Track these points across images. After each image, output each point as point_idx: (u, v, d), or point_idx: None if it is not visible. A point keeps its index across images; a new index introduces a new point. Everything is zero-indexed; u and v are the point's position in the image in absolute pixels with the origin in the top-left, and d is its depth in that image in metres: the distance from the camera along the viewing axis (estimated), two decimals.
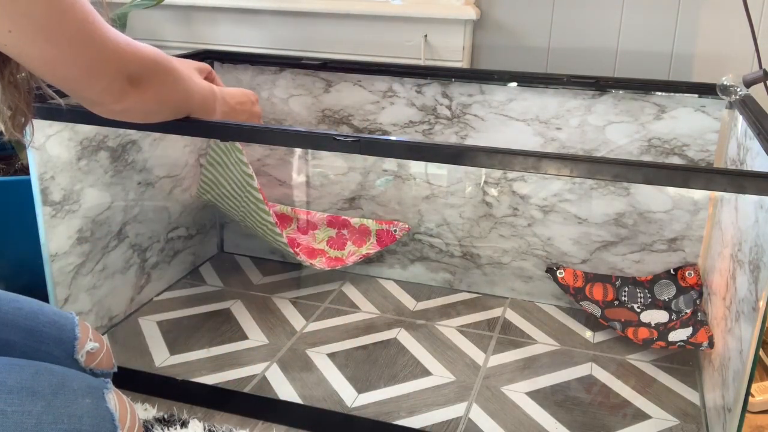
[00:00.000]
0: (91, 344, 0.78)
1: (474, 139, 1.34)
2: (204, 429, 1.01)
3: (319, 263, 1.35)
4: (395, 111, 1.38)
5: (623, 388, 1.12)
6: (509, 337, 1.27)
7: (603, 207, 1.30)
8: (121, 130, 1.19)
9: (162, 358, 1.17)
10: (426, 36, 1.46)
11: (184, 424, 1.02)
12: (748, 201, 0.96)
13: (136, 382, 1.10)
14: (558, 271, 1.34)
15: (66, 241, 1.12)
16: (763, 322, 0.83)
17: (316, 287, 1.43)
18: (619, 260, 1.33)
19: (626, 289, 1.31)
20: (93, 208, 1.17)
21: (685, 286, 1.28)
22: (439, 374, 1.15)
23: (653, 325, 1.24)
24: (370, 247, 1.40)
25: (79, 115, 0.93)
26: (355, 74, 1.38)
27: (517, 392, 1.11)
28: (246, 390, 1.09)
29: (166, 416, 1.04)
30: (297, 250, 1.36)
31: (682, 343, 1.14)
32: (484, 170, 1.34)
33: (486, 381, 1.14)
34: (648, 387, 1.13)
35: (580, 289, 1.32)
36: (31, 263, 1.14)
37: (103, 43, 0.77)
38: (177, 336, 1.24)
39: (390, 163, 1.40)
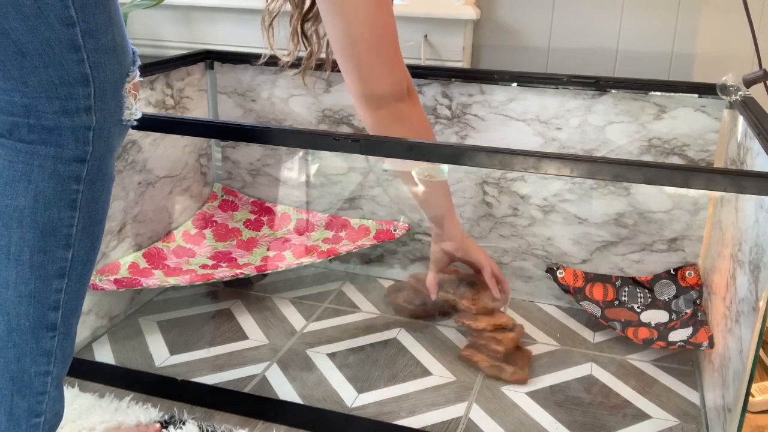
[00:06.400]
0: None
1: (474, 139, 1.34)
2: (204, 429, 1.01)
3: (309, 258, 1.35)
4: None
5: (623, 388, 1.12)
6: None
7: (603, 207, 1.30)
8: None
9: (162, 358, 1.17)
10: (426, 36, 1.47)
11: (183, 424, 1.02)
12: (748, 201, 0.96)
13: (136, 382, 1.11)
14: (558, 271, 1.34)
15: None
16: (763, 322, 0.83)
17: (316, 287, 1.43)
18: (619, 260, 1.33)
19: (626, 289, 1.31)
20: None
21: (685, 286, 1.28)
22: (439, 374, 1.15)
23: (653, 325, 1.24)
24: (366, 241, 1.39)
25: None
26: None
27: (517, 392, 1.11)
28: (246, 390, 1.09)
29: (166, 416, 1.04)
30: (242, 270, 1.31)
31: (682, 343, 1.14)
32: (484, 170, 1.34)
33: (486, 381, 1.14)
34: (648, 387, 1.13)
35: (580, 289, 1.32)
36: None
37: (398, 48, 0.99)
38: (177, 336, 1.24)
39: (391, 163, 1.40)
